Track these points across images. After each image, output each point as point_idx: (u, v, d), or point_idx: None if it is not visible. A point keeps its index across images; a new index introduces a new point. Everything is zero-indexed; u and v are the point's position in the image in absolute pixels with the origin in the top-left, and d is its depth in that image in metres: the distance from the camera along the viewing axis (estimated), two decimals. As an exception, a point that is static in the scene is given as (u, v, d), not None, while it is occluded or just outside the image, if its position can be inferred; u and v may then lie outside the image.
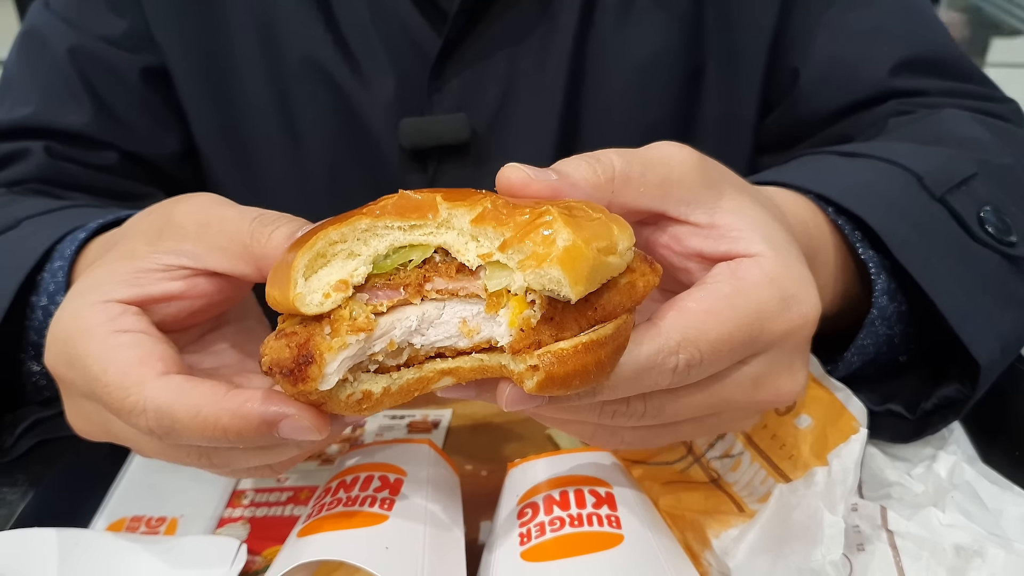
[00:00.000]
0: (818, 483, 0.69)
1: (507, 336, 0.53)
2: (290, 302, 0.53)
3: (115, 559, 0.80)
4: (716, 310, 0.57)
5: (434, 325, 0.55)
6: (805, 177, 0.82)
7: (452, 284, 0.54)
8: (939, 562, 0.70)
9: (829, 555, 0.63)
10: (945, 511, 0.72)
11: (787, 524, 0.67)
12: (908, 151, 0.87)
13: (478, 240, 0.54)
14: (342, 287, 0.52)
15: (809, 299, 0.61)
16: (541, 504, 0.70)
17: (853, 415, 0.76)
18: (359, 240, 0.54)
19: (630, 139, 1.09)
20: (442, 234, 0.54)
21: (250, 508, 0.89)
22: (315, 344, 0.52)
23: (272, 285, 0.56)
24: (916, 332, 0.84)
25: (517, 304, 0.52)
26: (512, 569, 0.66)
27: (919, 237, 0.78)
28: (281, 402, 0.57)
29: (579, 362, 0.52)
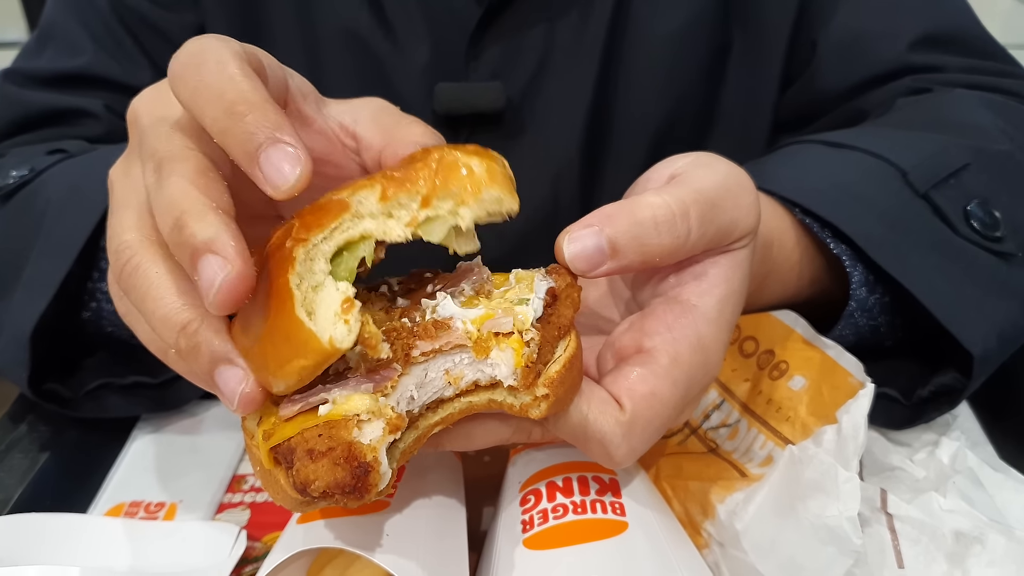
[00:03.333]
0: (829, 440, 0.69)
1: (511, 377, 0.55)
2: (326, 348, 0.49)
3: (114, 545, 0.80)
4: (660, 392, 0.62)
5: (423, 385, 0.56)
6: (779, 177, 0.82)
7: (435, 343, 0.55)
8: (938, 547, 0.70)
9: (846, 511, 0.63)
10: (946, 496, 0.71)
11: (799, 483, 0.67)
12: (898, 142, 0.86)
13: (393, 215, 0.54)
14: (348, 306, 0.50)
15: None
16: (544, 491, 0.70)
17: (848, 371, 0.76)
18: (310, 271, 0.52)
19: (659, 113, 1.11)
20: (360, 224, 0.54)
21: (250, 493, 0.88)
22: (358, 451, 0.51)
23: (276, 364, 0.52)
24: (903, 322, 0.83)
25: (517, 344, 0.55)
26: (515, 557, 0.65)
27: (898, 236, 0.78)
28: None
29: (570, 379, 0.58)
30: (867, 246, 0.76)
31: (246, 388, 0.53)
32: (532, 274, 0.61)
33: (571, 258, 0.60)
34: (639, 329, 0.65)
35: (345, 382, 0.53)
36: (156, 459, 0.93)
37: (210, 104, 0.53)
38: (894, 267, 0.75)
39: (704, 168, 0.66)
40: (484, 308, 0.57)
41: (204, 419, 1.00)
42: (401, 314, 0.58)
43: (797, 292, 0.80)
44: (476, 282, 0.60)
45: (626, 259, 0.61)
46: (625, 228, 0.60)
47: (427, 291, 0.61)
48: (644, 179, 0.70)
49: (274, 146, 0.51)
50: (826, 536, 0.63)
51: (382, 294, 0.61)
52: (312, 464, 0.51)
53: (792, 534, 0.65)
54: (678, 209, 0.61)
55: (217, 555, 0.78)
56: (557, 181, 1.11)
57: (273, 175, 0.51)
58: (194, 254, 0.50)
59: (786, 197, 0.78)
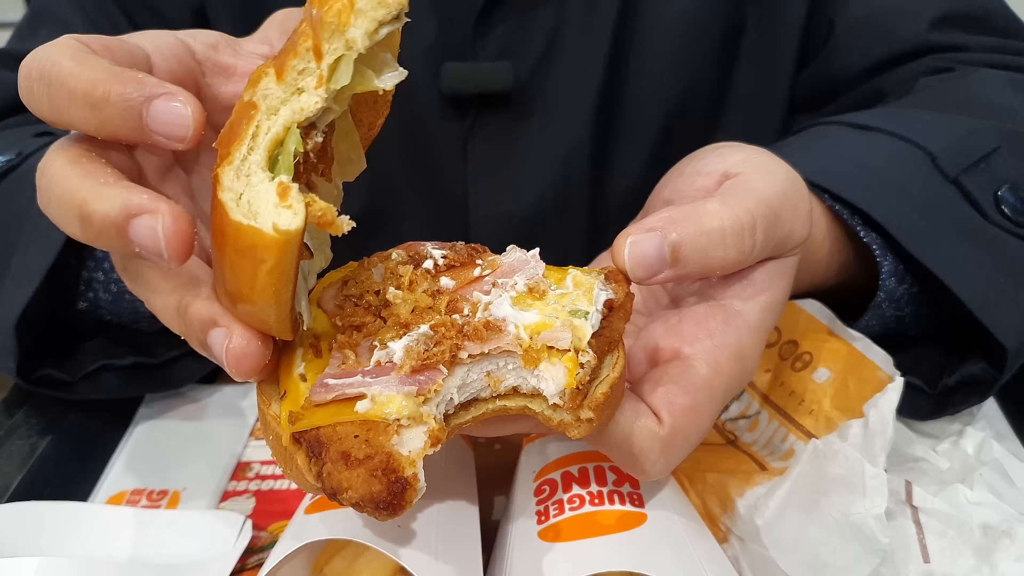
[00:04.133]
0: (855, 435, 0.66)
1: (558, 396, 0.52)
2: (275, 237, 0.45)
3: (115, 534, 0.78)
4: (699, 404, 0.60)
5: (464, 387, 0.53)
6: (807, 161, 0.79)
7: (484, 346, 0.52)
8: (965, 541, 0.68)
9: (873, 508, 0.61)
10: (973, 488, 0.70)
11: (823, 478, 0.65)
12: (926, 124, 0.83)
13: (301, 87, 0.49)
14: (285, 190, 0.46)
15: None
16: (559, 481, 0.68)
17: (877, 364, 0.74)
18: (244, 184, 0.48)
19: (670, 95, 1.08)
20: (278, 118, 0.49)
21: (255, 481, 0.86)
22: (397, 463, 0.48)
23: (249, 289, 0.48)
24: (929, 311, 0.81)
25: (571, 364, 0.52)
26: (530, 549, 0.63)
27: (929, 224, 0.75)
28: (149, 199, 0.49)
29: (614, 402, 0.56)
30: (900, 235, 0.73)
31: (230, 343, 0.51)
32: (592, 281, 0.57)
33: (632, 263, 0.58)
34: (678, 334, 0.63)
35: (387, 378, 0.51)
36: (158, 446, 0.91)
37: (72, 110, 0.51)
38: (927, 257, 0.73)
39: (764, 173, 0.64)
40: (539, 313, 0.53)
41: (207, 404, 0.98)
42: (448, 305, 0.55)
43: (823, 281, 0.78)
44: (531, 278, 0.56)
45: (686, 269, 0.59)
46: (691, 236, 0.58)
47: (473, 275, 0.57)
48: (692, 171, 0.68)
49: (150, 104, 0.50)
50: (851, 534, 0.61)
51: (426, 271, 0.58)
52: (347, 471, 0.48)
53: (816, 531, 0.63)
54: (747, 222, 0.59)
55: (222, 545, 0.76)
56: (566, 164, 1.09)
57: (166, 128, 0.50)
58: (119, 231, 0.49)
59: (815, 182, 0.76)
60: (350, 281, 0.57)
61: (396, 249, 0.60)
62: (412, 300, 0.54)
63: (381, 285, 0.56)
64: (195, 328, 0.53)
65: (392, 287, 0.55)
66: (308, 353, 0.55)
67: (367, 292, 0.56)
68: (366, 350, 0.53)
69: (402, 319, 0.53)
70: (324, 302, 0.58)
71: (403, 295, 0.55)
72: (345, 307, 0.56)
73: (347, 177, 0.63)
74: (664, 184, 0.70)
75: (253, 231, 0.46)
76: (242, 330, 0.51)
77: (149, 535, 0.78)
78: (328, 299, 0.58)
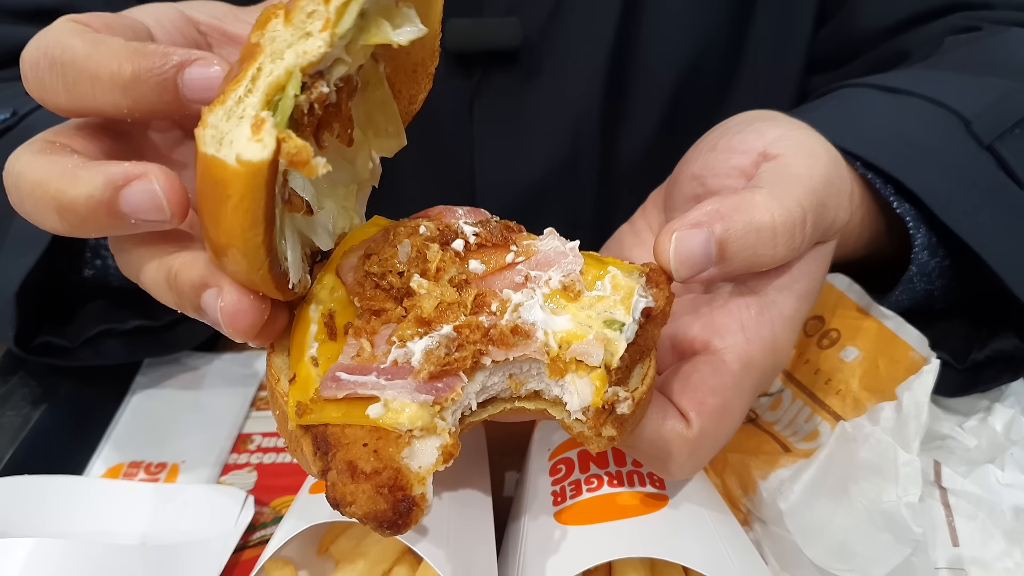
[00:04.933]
0: (887, 419, 0.64)
1: (581, 412, 0.49)
2: (237, 169, 0.42)
3: (112, 510, 0.76)
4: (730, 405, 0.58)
5: (483, 390, 0.51)
6: (837, 126, 0.75)
7: (509, 353, 0.49)
8: (996, 524, 0.66)
9: (906, 496, 0.58)
10: (1004, 469, 0.67)
11: (853, 463, 0.62)
12: (958, 88, 0.79)
13: (308, 31, 0.46)
14: (259, 123, 0.42)
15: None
16: (576, 460, 0.65)
17: (910, 344, 0.71)
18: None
19: (683, 53, 1.04)
20: (281, 63, 0.45)
21: (257, 454, 0.84)
22: (405, 480, 0.45)
23: (218, 228, 0.45)
24: (959, 284, 0.78)
25: (599, 382, 0.48)
26: (546, 532, 0.61)
27: (964, 193, 0.72)
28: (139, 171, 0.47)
29: (639, 415, 0.53)
30: (935, 206, 0.70)
31: (221, 302, 0.48)
32: (631, 285, 0.53)
33: (677, 262, 0.54)
34: (709, 324, 0.60)
35: (403, 382, 0.48)
36: (156, 416, 0.89)
37: (98, 95, 0.49)
38: (963, 229, 0.69)
39: (806, 156, 0.60)
40: (572, 319, 0.50)
41: (207, 373, 0.95)
42: (476, 299, 0.51)
43: (852, 252, 0.74)
44: (567, 274, 0.52)
45: (732, 266, 0.55)
46: (740, 232, 0.55)
47: (506, 260, 0.53)
48: (726, 146, 0.64)
49: (183, 73, 0.49)
50: (882, 522, 0.59)
51: (455, 253, 0.54)
52: (352, 484, 0.45)
53: (844, 518, 0.61)
54: (798, 217, 0.56)
55: (223, 522, 0.73)
56: (576, 126, 1.05)
57: (205, 93, 0.48)
58: (109, 208, 0.47)
59: (847, 149, 0.72)
60: (373, 256, 0.53)
61: (425, 220, 0.56)
62: (437, 293, 0.51)
63: (406, 267, 0.52)
64: (187, 294, 0.50)
65: (417, 273, 0.52)
66: (322, 332, 0.51)
67: (390, 273, 0.52)
68: (383, 341, 0.50)
69: (425, 314, 0.50)
70: (343, 271, 0.54)
71: (428, 286, 0.51)
72: (366, 286, 0.52)
73: (385, 152, 0.60)
74: (694, 157, 0.67)
75: (218, 163, 0.42)
76: (233, 286, 0.48)
77: (147, 511, 0.76)
78: (348, 269, 0.54)
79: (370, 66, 0.54)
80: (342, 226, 0.57)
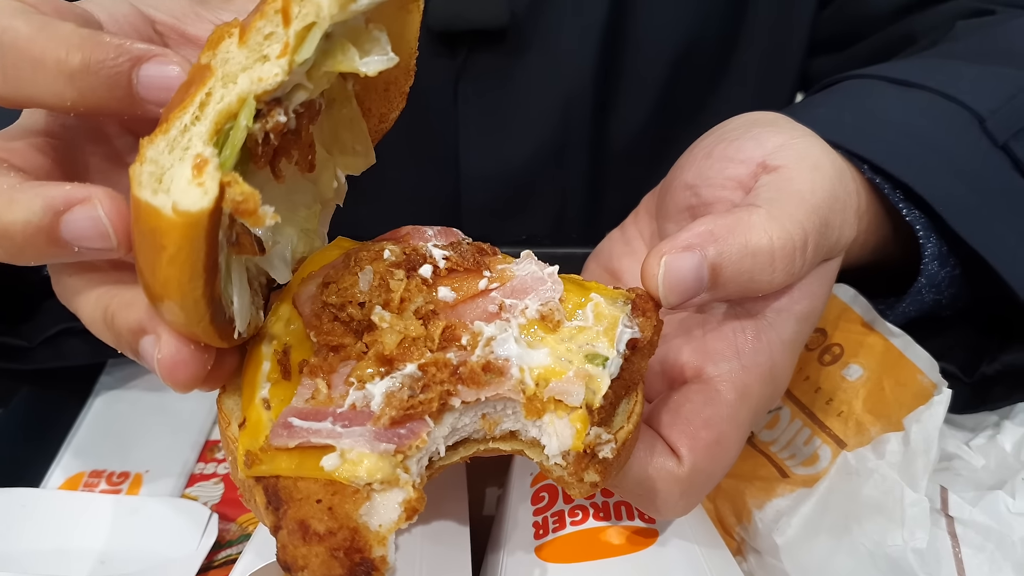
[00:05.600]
0: (893, 452, 0.60)
1: (560, 456, 0.45)
2: (174, 219, 0.37)
3: (71, 522, 0.72)
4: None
5: (453, 433, 0.46)
6: (843, 125, 0.70)
7: (480, 392, 0.44)
8: (1005, 556, 0.62)
9: (913, 540, 0.55)
10: (1015, 496, 0.63)
11: (855, 499, 0.59)
12: (971, 81, 0.74)
13: (265, 54, 0.41)
14: (201, 164, 0.38)
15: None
16: (559, 488, 0.61)
17: (919, 367, 0.67)
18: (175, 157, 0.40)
19: (679, 32, 0.99)
20: (234, 88, 0.41)
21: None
22: (363, 542, 0.41)
23: (154, 279, 0.41)
24: (969, 294, 0.73)
25: (580, 424, 0.44)
26: (525, 568, 0.57)
27: (979, 199, 0.67)
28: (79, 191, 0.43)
29: (624, 457, 0.49)
30: (949, 215, 0.65)
31: (159, 354, 0.44)
32: (615, 315, 0.48)
33: (666, 288, 0.50)
34: (701, 350, 0.55)
35: (361, 429, 0.43)
36: (120, 421, 0.84)
37: (40, 83, 0.45)
38: (977, 240, 0.64)
39: (810, 169, 0.56)
40: (550, 354, 0.46)
41: (174, 373, 0.90)
42: (444, 332, 0.46)
43: (857, 260, 0.69)
44: (545, 303, 0.48)
45: (725, 292, 0.51)
46: (735, 257, 0.50)
47: (478, 288, 0.49)
48: (722, 155, 0.60)
49: (139, 69, 0.45)
50: (886, 567, 0.55)
51: (422, 280, 0.49)
52: (304, 547, 0.40)
53: (845, 559, 0.57)
54: (799, 240, 0.52)
55: (186, 543, 0.69)
56: (567, 109, 1.00)
57: (160, 94, 0.44)
58: (49, 235, 0.42)
59: (854, 152, 0.67)
60: (331, 285, 0.48)
61: (390, 244, 0.51)
62: (401, 328, 0.46)
63: (368, 297, 0.47)
64: (125, 337, 0.46)
65: (379, 305, 0.47)
66: (275, 371, 0.47)
67: (350, 303, 0.47)
68: (341, 380, 0.45)
69: (387, 351, 0.45)
70: (300, 302, 0.49)
71: (391, 320, 0.46)
72: (323, 319, 0.47)
73: (351, 170, 0.54)
74: (688, 164, 0.62)
75: (153, 211, 0.37)
76: (172, 335, 0.44)
77: (107, 526, 0.72)
78: (305, 299, 0.49)
79: (337, 84, 0.49)
80: (302, 251, 0.52)
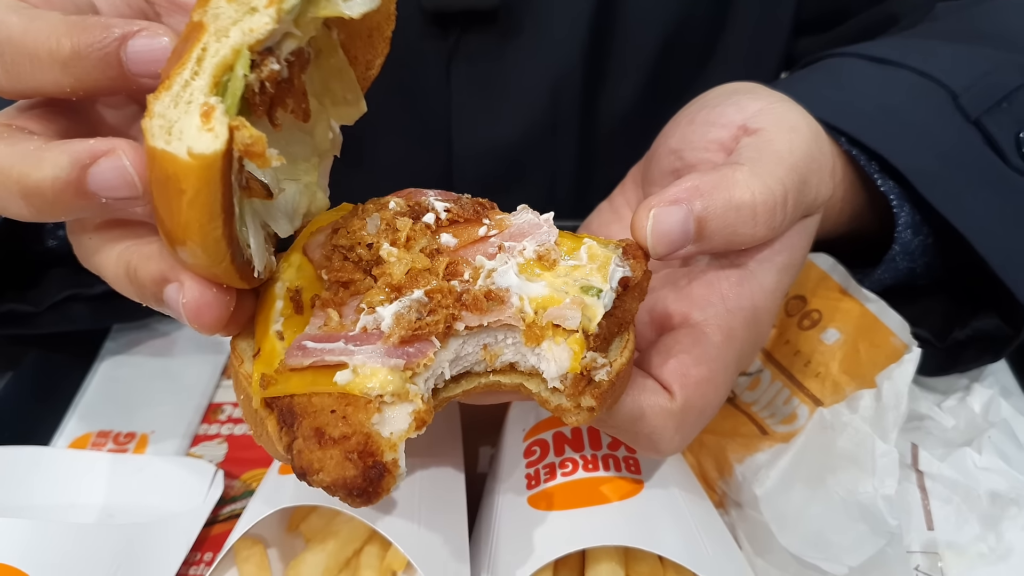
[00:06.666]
0: (866, 407, 0.63)
1: (558, 380, 0.48)
2: (190, 162, 0.40)
3: (79, 481, 0.75)
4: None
5: (457, 360, 0.49)
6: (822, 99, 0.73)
7: (483, 318, 0.47)
8: (971, 508, 0.66)
9: (882, 488, 0.58)
10: (981, 453, 0.67)
11: (830, 451, 0.62)
12: (947, 59, 0.78)
13: (253, 6, 0.43)
14: (208, 111, 0.41)
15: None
16: (550, 443, 0.64)
17: (891, 329, 0.71)
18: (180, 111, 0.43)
19: (668, 14, 1.01)
20: (227, 41, 0.43)
21: (228, 424, 0.82)
22: (376, 446, 0.43)
23: (175, 224, 0.43)
24: (942, 263, 0.77)
25: (577, 347, 0.47)
26: (519, 517, 0.60)
27: (950, 171, 0.71)
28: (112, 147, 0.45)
29: (619, 388, 0.51)
30: (920, 184, 0.68)
31: (183, 298, 0.47)
32: (608, 255, 0.51)
33: (654, 239, 0.53)
34: (687, 297, 0.58)
35: (373, 347, 0.46)
36: (125, 384, 0.87)
37: (37, 74, 0.46)
38: (948, 209, 0.68)
39: (788, 130, 0.59)
40: (548, 286, 0.48)
41: (177, 339, 0.93)
42: (448, 267, 0.49)
43: (834, 228, 0.73)
44: (542, 244, 0.51)
45: (710, 244, 0.54)
46: (719, 211, 0.53)
47: (478, 234, 0.52)
48: (704, 120, 0.63)
49: (125, 46, 0.46)
50: (858, 513, 0.58)
51: (425, 225, 0.52)
52: (319, 450, 0.43)
53: (819, 507, 0.60)
54: (779, 196, 0.54)
55: (192, 497, 0.72)
56: (557, 89, 1.02)
57: (150, 67, 0.46)
58: (77, 188, 0.45)
59: (832, 124, 0.70)
60: (340, 230, 0.51)
61: (394, 197, 0.54)
62: (408, 260, 0.49)
63: (375, 238, 0.50)
64: (148, 288, 0.48)
65: (387, 242, 0.50)
66: (288, 307, 0.50)
67: (358, 244, 0.50)
68: (352, 311, 0.48)
69: (395, 280, 0.48)
70: (311, 250, 0.52)
71: (398, 253, 0.49)
72: (333, 259, 0.50)
73: (344, 120, 0.57)
74: (672, 131, 0.65)
75: (169, 158, 0.40)
76: (194, 280, 0.47)
77: (115, 483, 0.75)
78: (315, 247, 0.52)
79: (323, 34, 0.51)
80: (305, 206, 0.54)
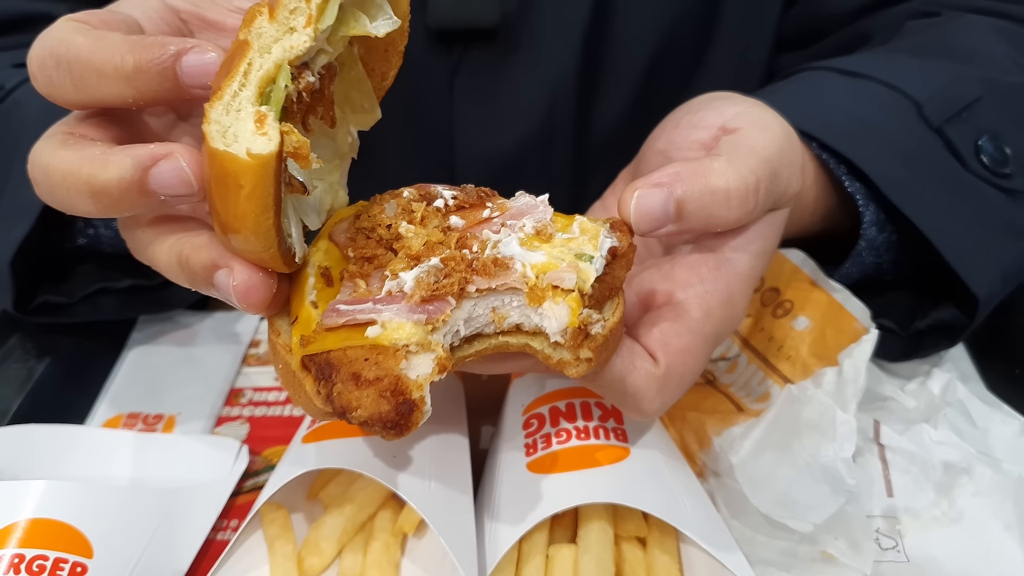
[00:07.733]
0: (829, 382, 0.70)
1: (559, 334, 0.54)
2: (248, 162, 0.47)
3: (114, 457, 0.81)
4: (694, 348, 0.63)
5: (469, 320, 0.56)
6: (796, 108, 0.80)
7: (492, 282, 0.54)
8: (927, 477, 0.72)
9: (841, 452, 0.64)
10: (937, 428, 0.74)
11: (796, 421, 0.68)
12: (912, 72, 0.85)
13: (292, 26, 0.51)
14: (262, 118, 0.48)
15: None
16: (547, 415, 0.71)
17: (854, 315, 0.77)
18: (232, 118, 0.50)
19: (657, 30, 1.08)
20: (270, 57, 0.51)
21: (248, 407, 0.89)
22: (405, 386, 0.51)
23: (232, 217, 0.50)
24: (906, 259, 0.84)
25: (574, 304, 0.53)
26: (518, 480, 0.67)
27: (912, 174, 0.78)
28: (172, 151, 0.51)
29: (612, 344, 0.58)
30: (884, 186, 0.75)
31: (234, 282, 0.53)
32: (598, 228, 0.59)
33: (637, 216, 0.60)
34: (671, 279, 0.65)
35: (398, 306, 0.53)
36: (152, 371, 0.93)
37: (104, 87, 0.53)
38: (908, 207, 0.75)
39: (762, 129, 0.65)
40: (546, 254, 0.55)
41: (199, 330, 1.00)
42: (458, 241, 0.57)
43: (808, 227, 0.80)
44: (539, 221, 0.58)
45: (688, 224, 0.61)
46: (697, 194, 0.60)
47: (482, 216, 0.59)
48: (688, 123, 0.69)
49: (180, 61, 0.52)
50: (820, 475, 0.65)
51: (436, 209, 0.60)
52: (357, 391, 0.50)
53: (787, 470, 0.67)
54: (751, 183, 0.61)
55: (219, 470, 0.79)
56: (553, 101, 1.09)
57: (203, 79, 0.52)
58: (140, 187, 0.51)
59: (805, 131, 0.77)
60: (362, 215, 0.59)
61: (407, 188, 0.62)
62: (424, 234, 0.56)
63: (393, 220, 0.58)
64: (199, 275, 0.55)
65: (404, 221, 0.57)
66: (320, 282, 0.57)
67: (379, 226, 0.58)
68: (377, 279, 0.55)
69: (413, 251, 0.55)
70: (336, 235, 0.60)
71: (415, 229, 0.57)
72: (357, 239, 0.58)
73: (362, 126, 0.65)
74: (659, 134, 0.72)
75: (230, 157, 0.48)
76: (243, 266, 0.53)
77: (147, 458, 0.81)
78: (340, 232, 0.60)
79: (346, 49, 0.59)
80: (329, 202, 0.62)
